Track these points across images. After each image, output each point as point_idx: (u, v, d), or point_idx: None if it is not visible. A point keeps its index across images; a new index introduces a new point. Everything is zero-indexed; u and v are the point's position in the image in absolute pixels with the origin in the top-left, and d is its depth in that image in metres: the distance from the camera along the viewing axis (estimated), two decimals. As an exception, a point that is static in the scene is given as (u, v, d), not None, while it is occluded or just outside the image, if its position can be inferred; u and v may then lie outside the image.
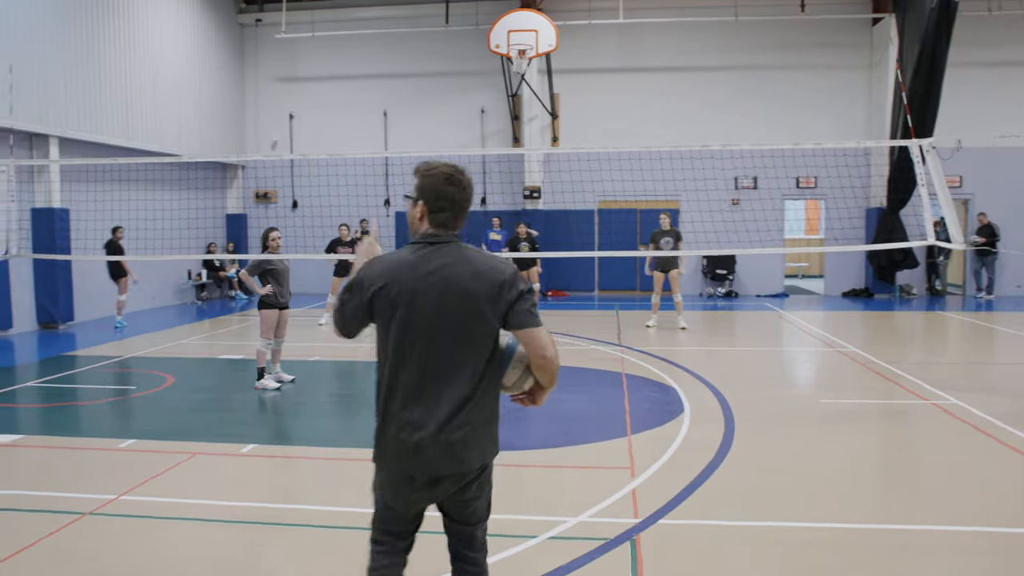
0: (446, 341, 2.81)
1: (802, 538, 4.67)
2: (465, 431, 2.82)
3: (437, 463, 2.81)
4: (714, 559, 4.42)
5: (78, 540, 4.75)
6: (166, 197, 17.23)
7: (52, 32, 13.93)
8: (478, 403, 2.85)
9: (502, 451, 5.05)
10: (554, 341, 2.85)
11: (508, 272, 2.85)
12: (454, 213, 2.92)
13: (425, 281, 2.80)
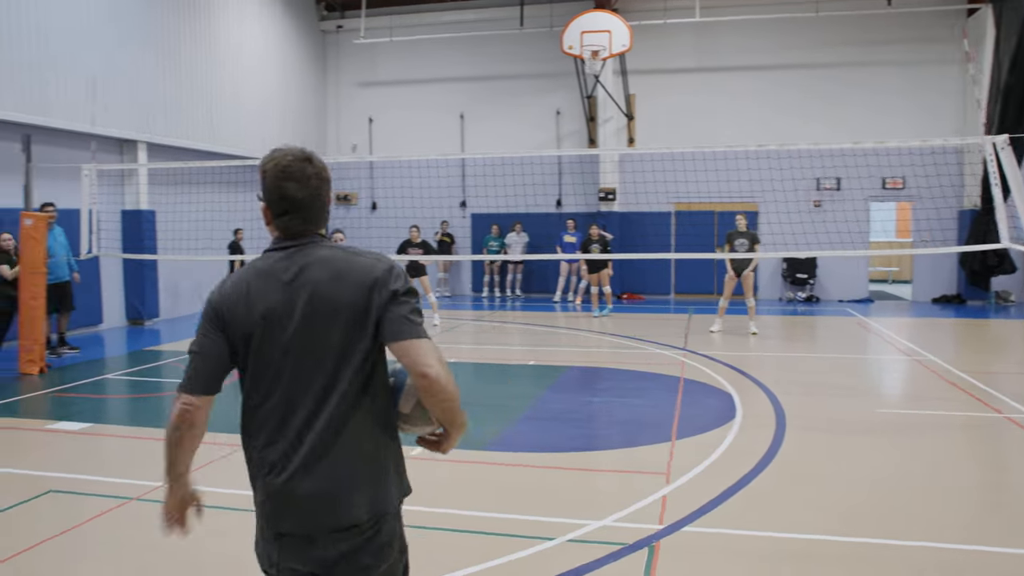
0: (309, 363, 2.28)
1: (825, 552, 4.49)
2: (340, 472, 2.26)
3: (304, 515, 2.26)
4: (734, 570, 4.30)
5: (127, 522, 4.98)
6: (249, 199, 17.86)
7: (141, 43, 14.63)
8: (355, 437, 2.28)
9: (539, 452, 5.03)
10: (442, 359, 2.24)
11: (381, 269, 2.31)
12: (301, 215, 2.36)
13: (281, 293, 2.30)
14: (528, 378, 9.92)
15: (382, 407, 2.36)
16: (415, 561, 4.33)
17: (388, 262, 2.35)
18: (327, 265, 2.31)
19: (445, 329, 14.09)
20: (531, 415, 7.87)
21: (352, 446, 2.27)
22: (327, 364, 2.28)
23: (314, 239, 2.37)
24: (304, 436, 2.26)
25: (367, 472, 2.29)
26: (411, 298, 2.31)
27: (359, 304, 2.27)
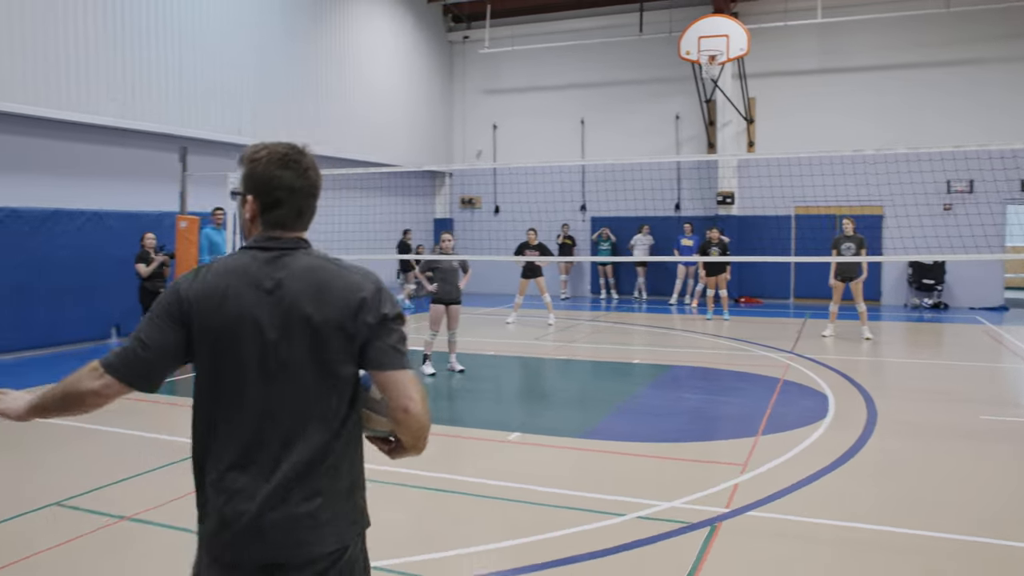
0: (286, 382, 2.10)
1: (880, 541, 4.71)
2: (313, 504, 2.09)
3: (270, 546, 2.07)
4: (784, 551, 4.60)
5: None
6: (379, 202, 18.96)
7: (281, 57, 15.93)
8: (333, 467, 2.13)
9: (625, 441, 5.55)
10: (423, 392, 2.12)
11: (369, 288, 2.14)
12: (295, 206, 2.20)
13: (261, 302, 2.10)
14: (630, 375, 10.29)
15: (358, 434, 2.23)
16: (502, 526, 4.89)
17: (376, 281, 2.18)
18: (311, 276, 2.13)
19: (559, 328, 14.60)
20: (625, 408, 8.27)
21: (328, 479, 2.11)
22: (304, 387, 2.10)
23: (300, 244, 2.21)
24: (278, 463, 2.08)
25: (341, 506, 2.14)
26: (399, 324, 2.17)
27: (344, 325, 2.10)
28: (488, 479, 5.91)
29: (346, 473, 2.16)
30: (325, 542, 2.10)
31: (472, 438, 7.19)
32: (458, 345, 10.41)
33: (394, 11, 19.85)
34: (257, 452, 2.09)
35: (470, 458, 6.66)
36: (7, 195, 11.42)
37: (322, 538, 2.10)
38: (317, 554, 2.09)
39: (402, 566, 4.32)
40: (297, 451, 2.09)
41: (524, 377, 10.57)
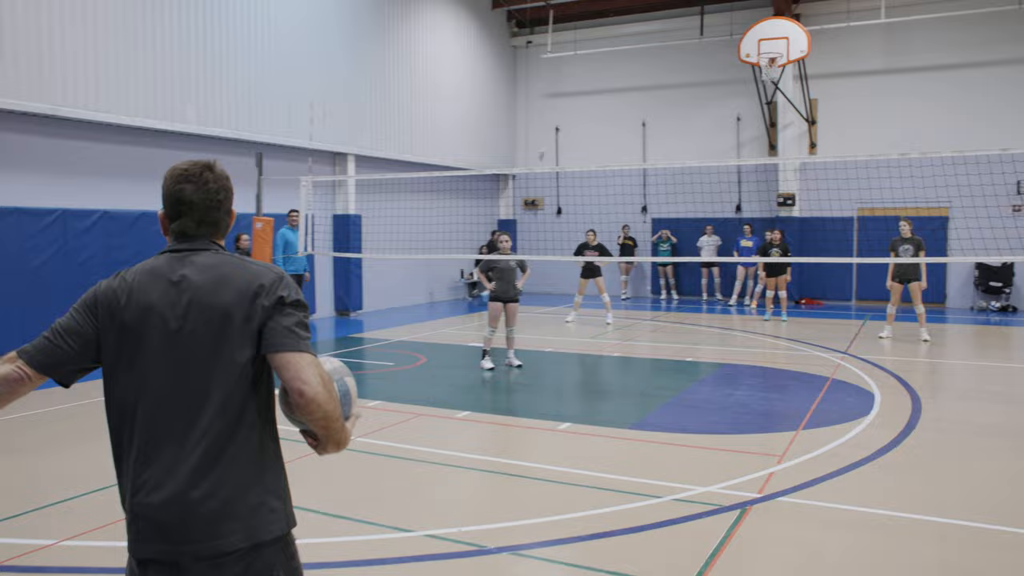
0: (186, 371, 2.15)
1: (899, 526, 4.97)
2: (218, 495, 2.09)
3: (176, 539, 2.07)
4: (807, 533, 4.91)
5: (321, 466, 6.33)
6: (444, 204, 19.57)
7: (351, 67, 16.65)
8: (236, 458, 2.13)
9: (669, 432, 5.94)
10: (324, 378, 2.12)
11: (268, 277, 2.21)
12: (194, 217, 2.28)
13: (165, 293, 2.19)
14: (681, 373, 10.59)
15: (267, 425, 2.25)
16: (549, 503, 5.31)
17: (278, 272, 2.26)
18: (213, 270, 2.22)
19: (617, 327, 14.92)
20: (673, 403, 8.60)
21: (232, 469, 2.12)
22: (206, 374, 2.14)
23: (208, 245, 2.30)
24: (179, 453, 2.10)
25: (249, 498, 2.14)
26: (297, 310, 2.20)
27: (241, 311, 2.15)
28: (537, 463, 6.34)
29: (255, 467, 2.17)
30: (232, 536, 2.08)
31: (526, 427, 7.63)
32: (516, 341, 10.85)
33: (459, 18, 20.43)
34: (162, 444, 2.11)
35: (522, 445, 7.11)
36: (102, 198, 12.31)
37: (228, 532, 2.08)
38: (224, 547, 2.07)
39: (460, 535, 4.79)
40: (198, 441, 2.10)
41: (578, 373, 10.96)
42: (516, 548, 4.62)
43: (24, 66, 10.81)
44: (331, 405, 2.13)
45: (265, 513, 2.16)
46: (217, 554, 2.08)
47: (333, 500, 5.48)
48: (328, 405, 2.11)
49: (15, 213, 11.15)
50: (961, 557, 4.54)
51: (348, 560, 4.48)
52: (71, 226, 11.85)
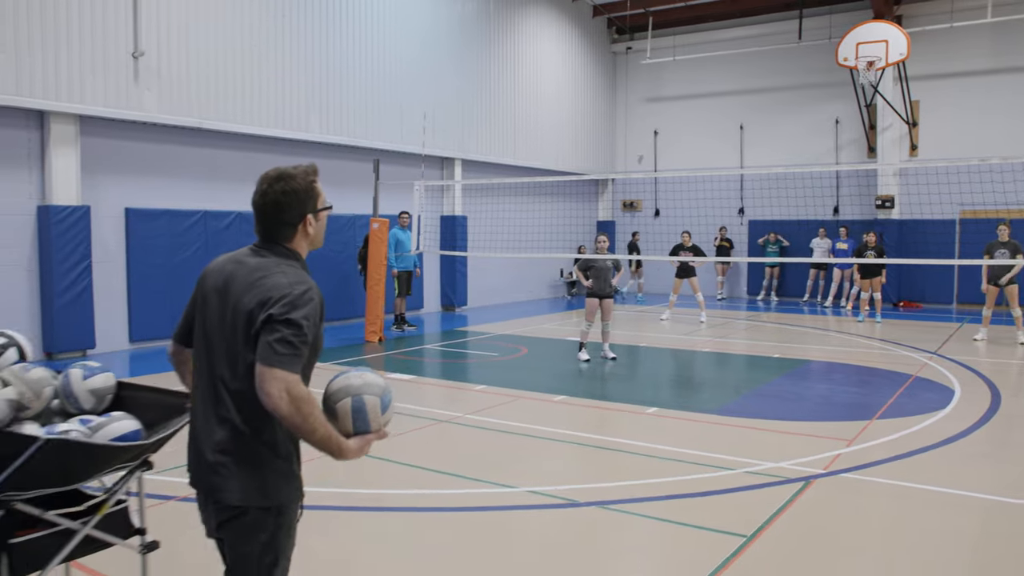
0: (219, 355, 2.53)
1: (950, 501, 5.51)
2: (223, 459, 2.51)
3: (201, 484, 2.60)
4: (862, 502, 5.52)
5: (438, 435, 7.29)
6: (545, 206, 20.45)
7: (460, 76, 17.75)
8: (241, 434, 2.50)
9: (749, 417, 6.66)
10: (294, 395, 2.33)
11: (278, 293, 2.44)
12: (257, 218, 2.62)
13: (224, 282, 2.55)
14: (766, 367, 11.12)
15: (269, 417, 2.48)
16: (634, 471, 6.07)
17: (296, 289, 2.46)
18: (254, 273, 2.50)
19: (710, 326, 15.46)
20: (758, 393, 9.21)
21: (238, 442, 2.50)
22: (225, 354, 2.50)
23: (270, 246, 2.59)
24: (200, 408, 2.58)
25: (244, 469, 2.49)
26: (285, 327, 2.38)
27: (252, 315, 2.44)
28: (625, 439, 7.13)
29: (256, 446, 2.51)
30: (228, 493, 2.49)
31: (616, 410, 8.41)
32: (611, 336, 11.61)
33: (561, 26, 21.29)
34: (201, 406, 2.59)
35: (612, 425, 7.89)
36: (235, 200, 13.71)
37: (225, 488, 2.49)
38: (225, 502, 2.51)
39: (556, 492, 5.64)
40: (217, 411, 2.51)
41: (669, 365, 11.62)
42: (604, 503, 5.42)
43: (176, 86, 12.29)
44: (298, 419, 2.34)
45: (256, 488, 2.51)
46: (222, 504, 2.54)
47: (447, 462, 6.41)
48: (292, 418, 2.34)
49: (165, 215, 12.65)
50: (1000, 529, 5.08)
51: (463, 507, 5.39)
52: (211, 226, 13.29)
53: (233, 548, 2.56)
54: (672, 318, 16.27)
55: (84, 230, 11.36)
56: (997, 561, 4.58)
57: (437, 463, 6.31)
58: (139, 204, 12.32)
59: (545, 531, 5.04)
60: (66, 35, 10.94)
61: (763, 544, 4.70)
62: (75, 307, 11.29)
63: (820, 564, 4.49)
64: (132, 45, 11.65)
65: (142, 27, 11.71)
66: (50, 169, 11.10)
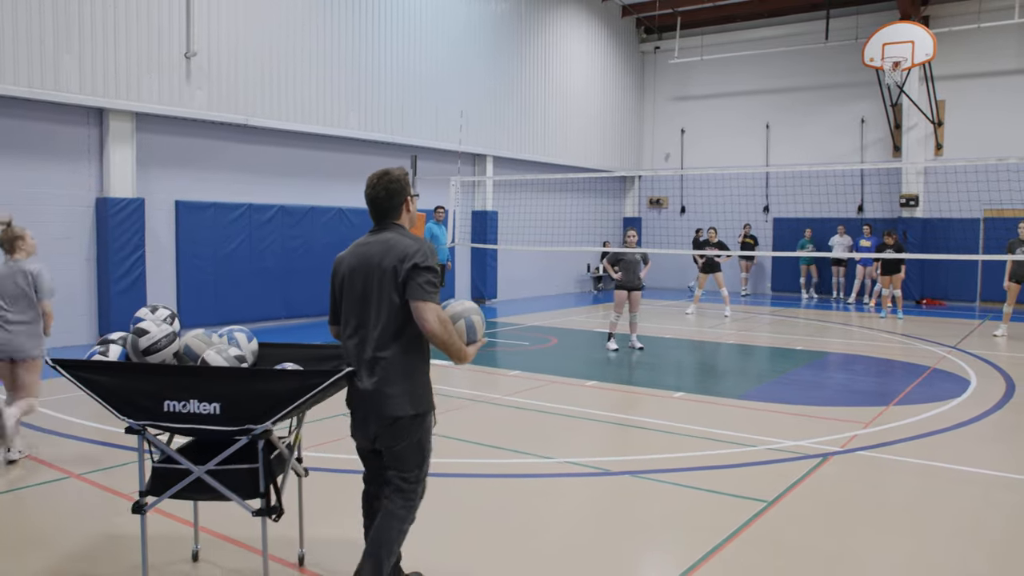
0: (372, 307, 3.43)
1: (958, 476, 5.93)
2: (380, 384, 3.40)
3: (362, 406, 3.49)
4: (875, 476, 5.95)
5: (477, 414, 7.80)
6: (573, 202, 20.93)
7: (492, 76, 18.26)
8: (392, 359, 3.41)
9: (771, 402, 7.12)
10: (442, 318, 3.33)
11: (412, 249, 3.39)
12: (371, 208, 3.55)
13: (359, 259, 3.49)
14: (788, 358, 11.53)
15: (414, 343, 3.45)
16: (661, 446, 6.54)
17: (421, 247, 3.40)
18: (385, 243, 3.47)
19: (734, 320, 15.86)
20: (780, 381, 9.64)
21: (389, 367, 3.42)
22: (381, 305, 3.42)
23: (386, 226, 3.54)
24: (364, 356, 3.46)
25: (397, 386, 3.42)
26: (428, 272, 3.34)
27: (395, 269, 3.37)
28: (654, 419, 7.60)
29: (407, 364, 3.44)
30: (390, 409, 3.41)
31: (645, 395, 8.88)
32: (639, 327, 12.07)
33: (590, 25, 21.74)
34: (356, 348, 3.49)
35: (641, 407, 8.36)
36: (278, 194, 14.31)
37: (387, 405, 3.41)
38: (386, 414, 3.42)
39: (590, 462, 6.13)
40: (372, 349, 3.43)
41: (694, 355, 12.07)
42: (635, 472, 5.90)
43: (224, 85, 12.90)
44: (446, 336, 3.34)
45: (410, 400, 3.44)
46: (382, 416, 3.44)
47: (488, 435, 6.92)
48: (443, 336, 3.33)
49: (212, 207, 13.27)
50: (995, 498, 5.50)
51: (510, 473, 5.90)
52: (254, 218, 13.91)
53: (390, 448, 3.48)
54: (697, 312, 16.68)
55: (139, 221, 12.01)
56: (1001, 531, 5.01)
57: (481, 437, 6.82)
58: (188, 197, 12.96)
59: (583, 495, 5.54)
60: (124, 37, 11.58)
61: (783, 508, 5.16)
62: (129, 294, 11.94)
63: (835, 525, 4.94)
64: (185, 46, 12.27)
65: (194, 29, 12.33)
66: (108, 163, 11.74)
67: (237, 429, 3.49)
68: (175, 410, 3.45)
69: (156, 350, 3.84)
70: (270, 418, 3.48)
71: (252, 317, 13.52)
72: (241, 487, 3.59)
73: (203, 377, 3.56)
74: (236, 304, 13.49)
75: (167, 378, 3.55)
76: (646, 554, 4.57)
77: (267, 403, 3.47)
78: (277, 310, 14.33)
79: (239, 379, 3.64)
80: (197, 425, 3.47)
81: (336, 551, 4.38)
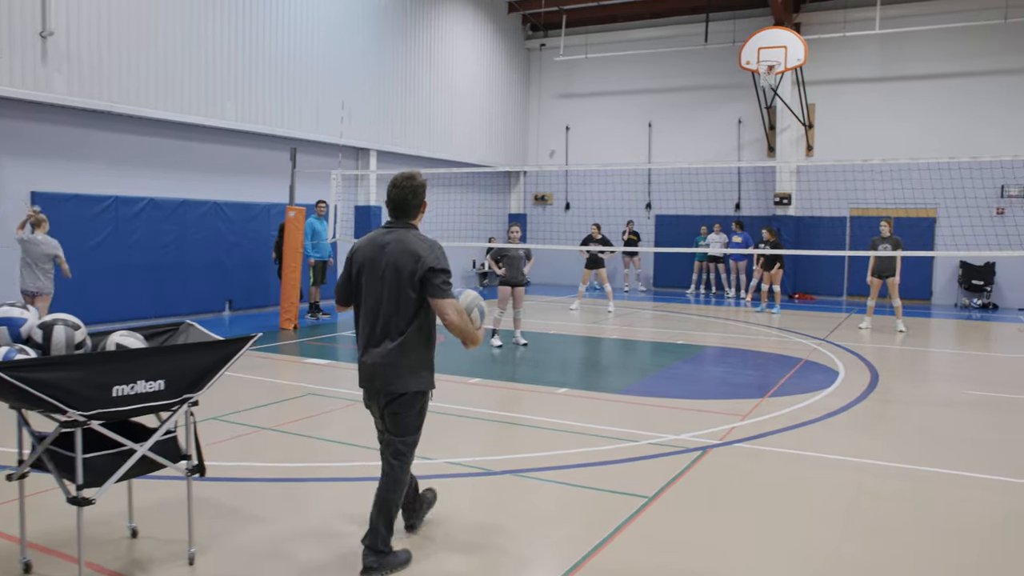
0: (385, 297, 3.95)
1: (828, 463, 6.12)
2: (391, 364, 3.96)
3: (373, 381, 4.05)
4: (750, 466, 6.06)
5: (359, 414, 7.53)
6: (459, 198, 20.76)
7: (376, 68, 17.87)
8: (402, 344, 3.96)
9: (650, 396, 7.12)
10: (459, 310, 3.95)
11: (426, 253, 3.91)
12: (392, 206, 4.09)
13: (377, 252, 3.99)
14: (668, 352, 11.75)
15: (423, 330, 4.02)
16: (547, 444, 6.42)
17: (432, 249, 3.94)
18: (401, 242, 3.98)
19: (617, 315, 16.08)
20: (658, 376, 9.78)
21: (399, 350, 3.97)
22: (394, 298, 3.94)
23: (404, 224, 4.07)
24: (370, 334, 4.04)
25: (408, 365, 3.98)
26: (441, 272, 3.90)
27: (412, 269, 3.90)
28: (537, 416, 7.53)
29: (414, 349, 4.01)
30: (398, 386, 4.00)
31: (528, 391, 8.81)
32: (522, 323, 12.02)
33: (476, 21, 21.62)
34: (370, 331, 4.05)
35: (525, 404, 8.28)
36: (148, 187, 13.54)
37: (396, 383, 3.99)
38: (395, 391, 4.01)
39: (472, 462, 5.99)
40: (388, 333, 3.99)
41: (578, 351, 12.12)
42: (517, 471, 5.80)
43: (87, 69, 12.06)
44: (464, 325, 3.98)
45: (416, 377, 4.02)
46: (388, 391, 4.02)
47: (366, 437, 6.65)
48: (461, 326, 3.96)
49: (74, 199, 12.41)
50: (865, 485, 5.69)
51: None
52: (122, 212, 13.11)
53: (396, 414, 4.06)
54: (581, 308, 16.83)
55: (-12, 213, 11.09)
56: (865, 512, 5.17)
57: (358, 438, 6.57)
58: (47, 188, 12.06)
59: (463, 496, 5.38)
60: (-30, 12, 10.65)
61: (664, 503, 5.16)
62: (-22, 292, 11.00)
63: (715, 518, 4.98)
64: (40, 24, 11.40)
65: (51, 5, 11.45)
66: (-48, 149, 10.78)
67: (178, 400, 3.93)
68: (123, 393, 3.69)
69: (84, 344, 4.13)
70: (204, 384, 3.99)
71: (118, 316, 12.70)
72: (169, 455, 4.06)
73: (151, 357, 3.86)
74: (100, 302, 12.65)
75: (118, 363, 3.78)
76: (527, 554, 4.46)
77: (201, 373, 3.97)
78: (146, 308, 13.54)
79: (180, 355, 3.96)
80: (144, 404, 3.79)
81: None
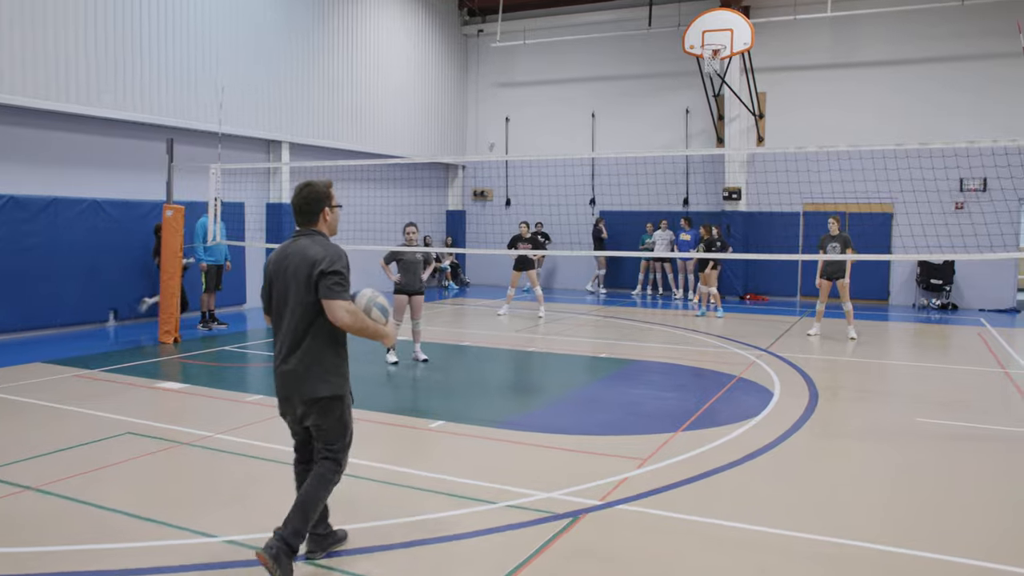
0: (292, 304, 4.10)
1: (723, 536, 4.72)
2: (303, 369, 4.07)
3: (283, 387, 4.16)
4: (627, 542, 4.63)
5: (166, 463, 6.01)
6: (393, 194, 19.20)
7: (285, 53, 16.25)
8: (307, 349, 4.08)
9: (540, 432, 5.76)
10: (351, 310, 3.98)
11: (320, 257, 4.04)
12: (295, 213, 4.25)
13: (283, 261, 4.18)
14: (588, 369, 10.34)
15: (326, 335, 4.10)
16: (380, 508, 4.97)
17: (329, 254, 4.03)
18: (302, 250, 4.12)
19: (548, 321, 14.67)
20: (563, 400, 8.35)
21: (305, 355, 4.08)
22: (299, 305, 4.08)
23: (307, 232, 4.20)
24: (286, 344, 4.12)
25: (311, 371, 4.08)
26: (334, 275, 3.98)
27: (308, 274, 4.04)
28: (384, 464, 6.04)
29: (322, 354, 4.09)
30: (312, 391, 4.07)
31: (395, 425, 7.32)
32: (422, 335, 10.56)
33: (406, 4, 20.05)
34: (282, 340, 4.14)
35: (381, 445, 6.73)
36: (7, 183, 11.88)
37: (311, 388, 4.07)
38: (309, 396, 4.08)
39: (252, 540, 4.49)
40: (297, 340, 4.09)
41: (482, 368, 10.62)
42: (310, 559, 4.33)
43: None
44: (358, 324, 4.02)
45: (324, 380, 4.11)
46: (302, 399, 4.12)
47: (157, 501, 5.17)
48: (354, 325, 4.01)
49: (-92, 197, 10.73)
50: (779, 570, 4.29)
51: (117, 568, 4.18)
52: (-32, 209, 11.44)
53: (318, 426, 4.17)
54: (510, 313, 15.41)
55: None
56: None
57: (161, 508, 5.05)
58: None
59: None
60: None
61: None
62: None
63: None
64: None
65: None
66: None
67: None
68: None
69: None
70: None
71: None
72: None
73: None
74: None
75: None
76: None
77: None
78: (12, 320, 11.90)
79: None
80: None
81: None
